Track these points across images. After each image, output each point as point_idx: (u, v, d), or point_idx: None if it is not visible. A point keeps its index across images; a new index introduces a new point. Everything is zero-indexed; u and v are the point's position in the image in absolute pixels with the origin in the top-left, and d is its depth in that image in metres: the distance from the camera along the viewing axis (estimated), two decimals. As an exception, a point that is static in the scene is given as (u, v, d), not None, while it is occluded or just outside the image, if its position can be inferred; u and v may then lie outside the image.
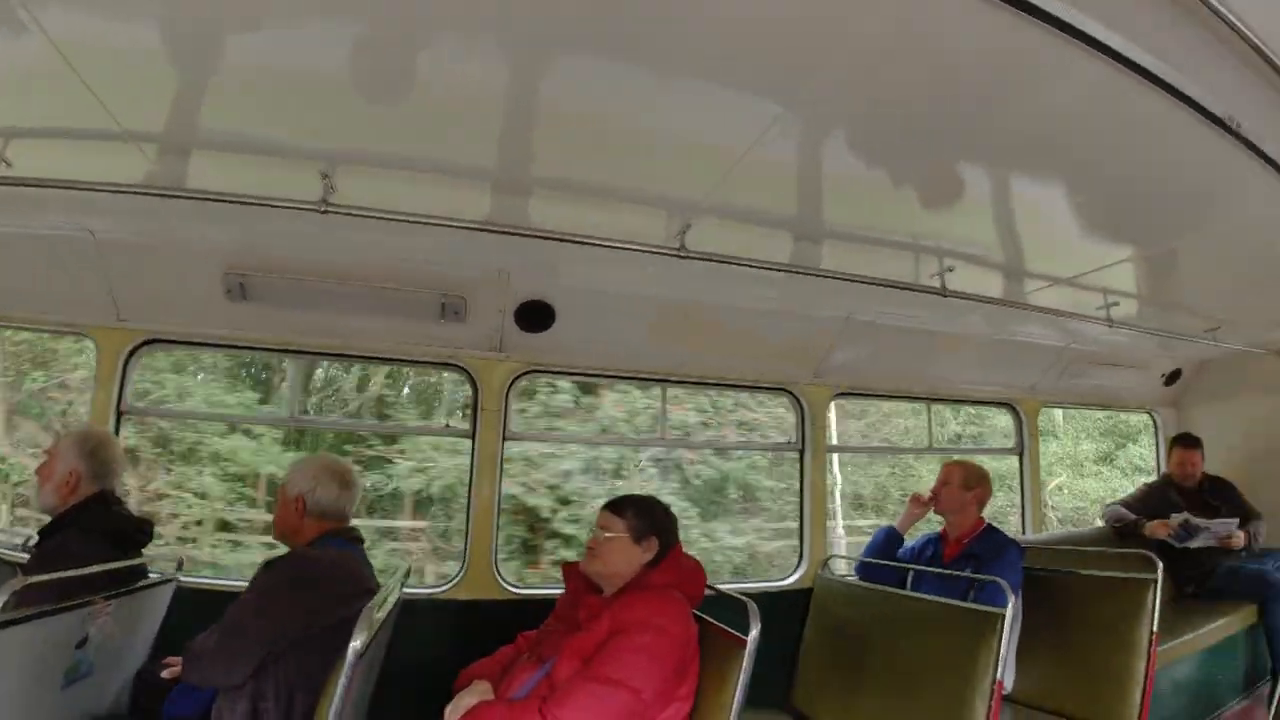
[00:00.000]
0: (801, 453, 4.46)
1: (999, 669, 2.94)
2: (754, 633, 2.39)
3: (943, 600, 3.41)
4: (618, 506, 2.75)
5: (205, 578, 3.39)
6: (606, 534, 2.69)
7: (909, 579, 3.87)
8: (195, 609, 2.97)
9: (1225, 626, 4.66)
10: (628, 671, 2.32)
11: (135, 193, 2.42)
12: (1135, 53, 1.76)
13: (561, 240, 2.69)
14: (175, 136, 2.24)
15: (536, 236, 2.68)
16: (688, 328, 3.89)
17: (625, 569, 2.66)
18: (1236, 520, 4.97)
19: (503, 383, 3.71)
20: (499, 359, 3.71)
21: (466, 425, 3.75)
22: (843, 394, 4.64)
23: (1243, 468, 5.70)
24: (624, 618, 2.45)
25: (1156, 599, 3.49)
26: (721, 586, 2.93)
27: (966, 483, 3.91)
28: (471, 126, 2.15)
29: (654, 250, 2.80)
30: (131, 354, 3.35)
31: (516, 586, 3.69)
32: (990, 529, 3.87)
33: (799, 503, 4.47)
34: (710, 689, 2.51)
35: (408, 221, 2.47)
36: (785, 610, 4.09)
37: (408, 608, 3.16)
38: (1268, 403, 5.85)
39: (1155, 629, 3.46)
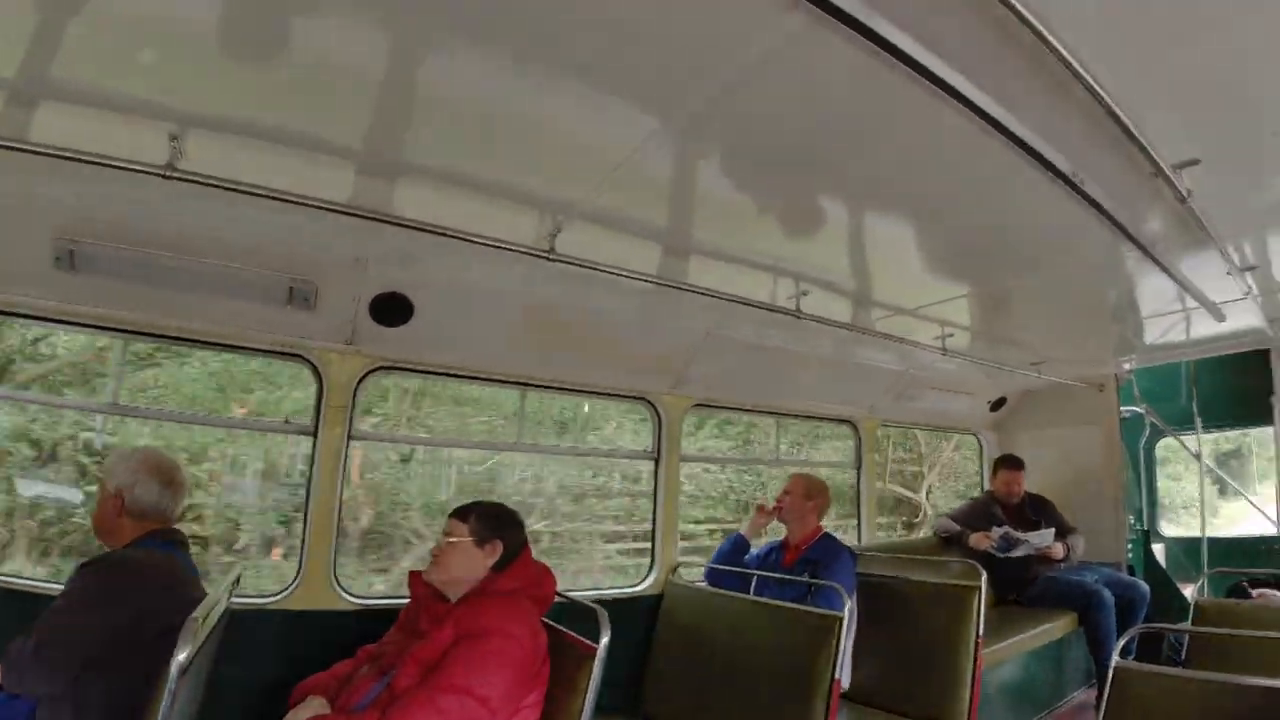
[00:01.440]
0: (657, 461, 4.49)
1: (837, 669, 3.08)
2: (604, 640, 2.39)
3: (784, 604, 3.54)
4: (463, 512, 2.72)
5: (18, 578, 3.04)
6: (449, 539, 2.64)
7: (753, 584, 4.01)
8: (12, 612, 2.70)
9: (1048, 632, 5.09)
10: (472, 679, 2.28)
11: None
12: (993, 107, 1.88)
13: (427, 231, 2.58)
14: (24, 83, 1.99)
15: (400, 225, 2.55)
16: (551, 332, 3.83)
17: (468, 574, 2.61)
18: (1052, 532, 5.47)
19: (351, 378, 3.46)
20: (349, 352, 3.45)
21: (308, 421, 3.47)
22: (698, 406, 4.72)
23: (1060, 488, 6.29)
24: (468, 624, 2.41)
25: (981, 604, 3.75)
26: (571, 593, 2.92)
27: (808, 493, 4.15)
28: (341, 100, 2.02)
29: (524, 250, 2.75)
30: None
31: (357, 596, 3.47)
32: (827, 536, 4.11)
33: (652, 510, 4.49)
34: (559, 697, 2.49)
35: (260, 196, 2.29)
36: (636, 616, 4.12)
37: (238, 618, 2.94)
38: (1084, 431, 6.48)
39: (980, 633, 3.72)
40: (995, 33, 1.63)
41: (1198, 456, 6.37)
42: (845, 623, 3.17)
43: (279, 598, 3.27)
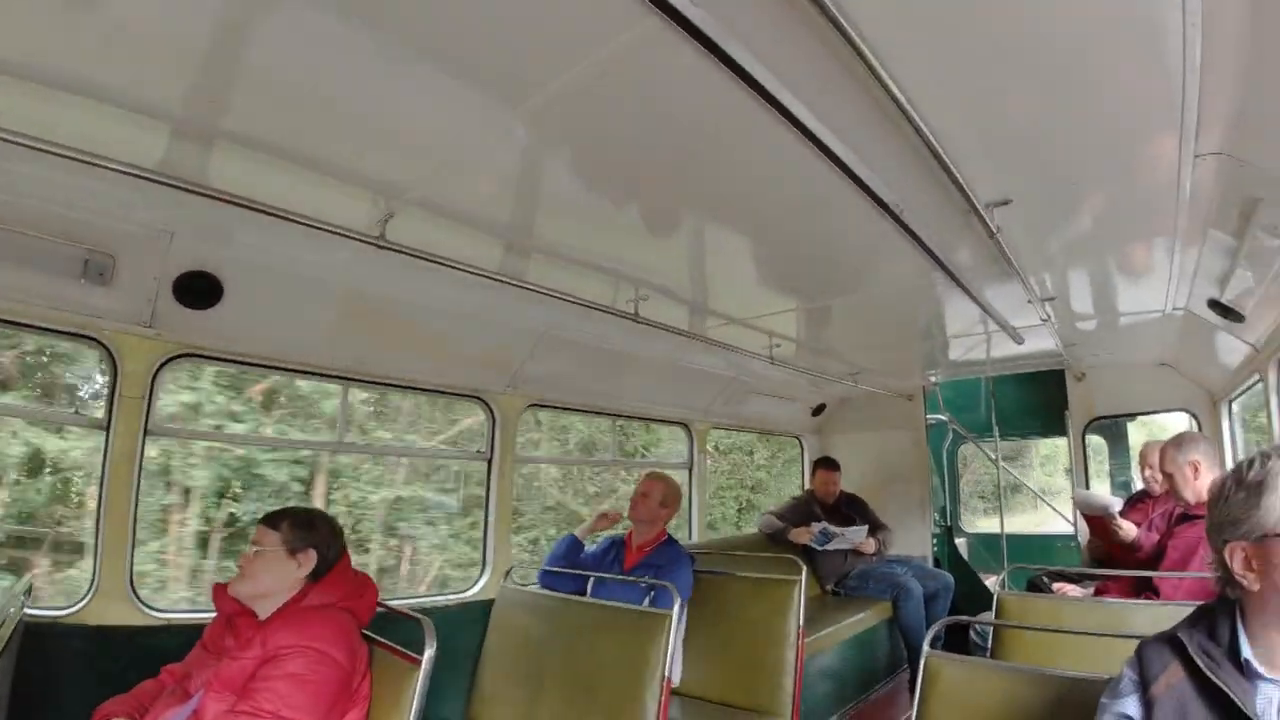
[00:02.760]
0: (490, 462, 4.38)
1: (667, 666, 3.12)
2: (429, 652, 2.27)
3: (616, 604, 3.57)
4: (273, 518, 2.48)
5: None
6: (257, 548, 2.41)
7: (589, 585, 4.01)
8: None
9: (863, 621, 5.46)
10: (284, 701, 2.11)
11: None
12: (827, 135, 1.99)
13: (243, 206, 2.32)
14: None
15: (213, 197, 2.27)
16: (379, 324, 3.61)
17: (278, 587, 2.39)
18: (866, 529, 5.96)
19: (150, 366, 3.05)
20: (148, 336, 3.02)
21: (100, 413, 3.03)
22: (534, 405, 4.67)
23: (871, 488, 6.86)
24: (278, 642, 2.22)
25: (801, 597, 3.92)
26: (393, 603, 2.76)
27: (665, 500, 4.18)
28: (162, 56, 1.79)
29: (350, 235, 2.56)
30: None
31: (160, 610, 3.09)
32: (670, 541, 4.16)
33: (484, 512, 4.37)
34: (382, 713, 2.34)
35: (60, 155, 1.98)
36: (467, 623, 4.00)
37: (33, 632, 2.60)
38: (894, 436, 7.14)
39: (801, 623, 3.88)
40: (836, 65, 1.72)
41: (995, 461, 6.99)
42: (674, 621, 3.21)
43: (72, 611, 2.88)
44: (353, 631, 2.40)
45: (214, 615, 2.54)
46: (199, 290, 3.02)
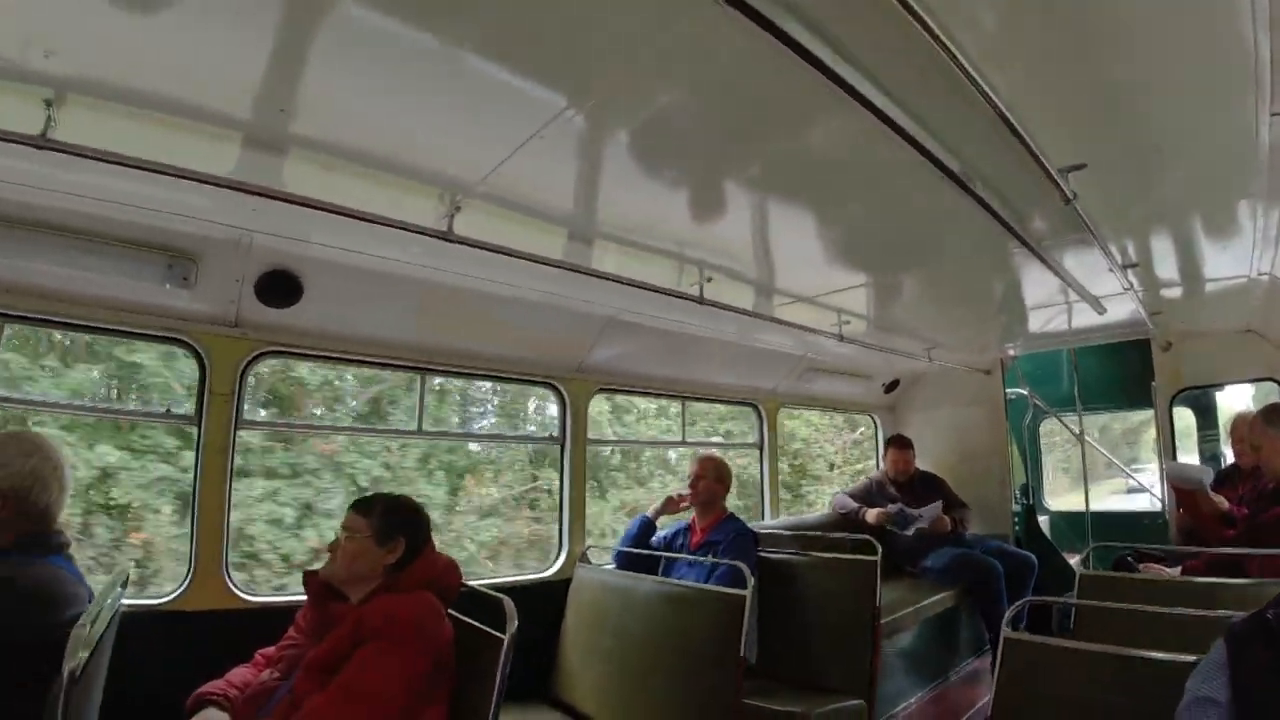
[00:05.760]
0: (562, 446, 4.47)
1: (742, 645, 3.12)
2: (511, 630, 2.34)
3: (691, 584, 3.61)
4: (364, 506, 2.58)
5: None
6: (348, 534, 2.52)
7: (661, 565, 4.07)
8: None
9: (941, 602, 5.31)
10: (379, 681, 2.19)
11: None
12: (890, 108, 1.96)
13: (316, 208, 2.41)
14: None
15: (288, 201, 2.37)
16: (452, 314, 3.73)
17: (367, 572, 2.49)
18: (940, 505, 5.70)
19: (237, 363, 3.24)
20: (234, 335, 3.23)
21: (191, 410, 3.23)
22: (603, 389, 4.74)
23: (949, 465, 6.66)
24: (371, 624, 2.30)
25: (878, 576, 3.89)
26: (475, 584, 2.82)
27: (719, 476, 4.23)
28: (228, 71, 1.88)
29: (419, 231, 2.63)
30: None
31: (254, 595, 3.29)
32: (731, 518, 4.20)
33: (559, 495, 4.47)
34: (468, 689, 2.42)
35: (140, 168, 2.08)
36: (545, 602, 4.09)
37: (130, 621, 2.70)
38: (969, 412, 6.90)
39: (878, 604, 3.86)
40: (894, 33, 1.68)
41: (1079, 436, 6.75)
42: (748, 601, 3.21)
43: (171, 598, 3.08)
44: (441, 611, 2.48)
45: (304, 600, 2.65)
46: (280, 289, 3.18)
